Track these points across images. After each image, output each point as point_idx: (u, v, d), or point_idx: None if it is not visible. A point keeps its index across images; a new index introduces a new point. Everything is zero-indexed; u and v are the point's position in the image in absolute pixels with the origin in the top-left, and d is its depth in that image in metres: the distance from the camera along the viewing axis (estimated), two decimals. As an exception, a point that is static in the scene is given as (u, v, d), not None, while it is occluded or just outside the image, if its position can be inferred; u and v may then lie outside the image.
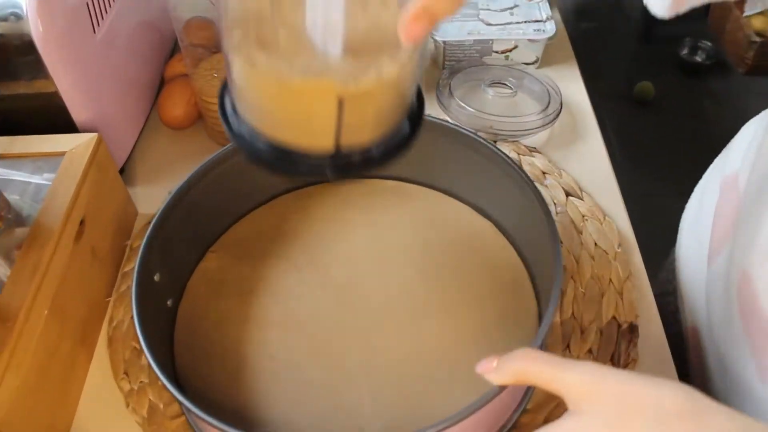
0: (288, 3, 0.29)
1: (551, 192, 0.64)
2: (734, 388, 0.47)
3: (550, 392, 0.32)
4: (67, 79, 0.57)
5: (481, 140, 0.54)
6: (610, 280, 0.56)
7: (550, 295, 0.43)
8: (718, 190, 0.55)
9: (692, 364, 0.58)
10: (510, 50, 0.78)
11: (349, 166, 0.33)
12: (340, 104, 0.29)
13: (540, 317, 0.52)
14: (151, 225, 0.50)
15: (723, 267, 0.49)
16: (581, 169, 0.67)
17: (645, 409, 0.29)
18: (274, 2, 0.29)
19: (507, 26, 0.77)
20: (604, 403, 0.29)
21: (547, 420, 0.48)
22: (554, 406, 0.49)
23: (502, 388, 0.37)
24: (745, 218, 0.47)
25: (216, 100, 0.66)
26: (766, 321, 0.42)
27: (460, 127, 0.56)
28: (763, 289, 0.42)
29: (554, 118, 0.68)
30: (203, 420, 0.39)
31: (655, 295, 0.56)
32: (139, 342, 0.53)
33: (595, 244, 0.59)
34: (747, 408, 0.44)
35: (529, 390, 0.49)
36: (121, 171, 0.67)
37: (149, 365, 0.51)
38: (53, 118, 0.59)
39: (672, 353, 0.52)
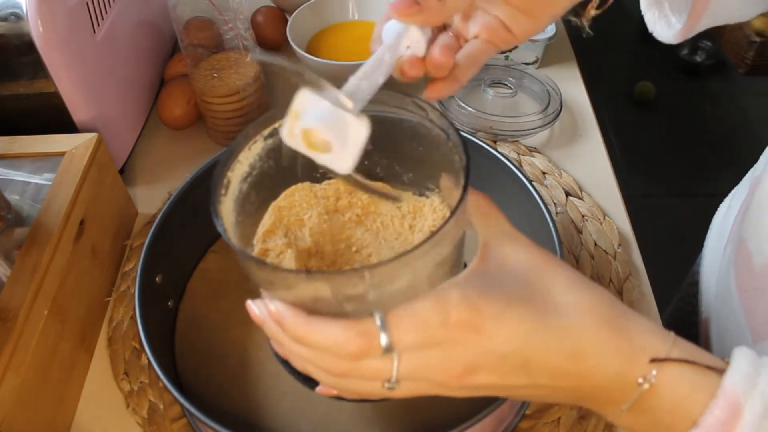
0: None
1: (551, 192, 0.64)
2: None
3: None
4: (67, 79, 0.57)
5: (480, 142, 0.54)
6: (610, 280, 0.56)
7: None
8: (747, 190, 0.56)
9: None
10: (510, 50, 0.77)
11: None
12: None
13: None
14: (153, 227, 0.50)
15: (728, 248, 0.51)
16: (581, 169, 0.67)
17: (563, 272, 0.29)
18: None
19: (507, 26, 0.77)
20: (410, 330, 0.28)
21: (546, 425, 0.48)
22: (554, 411, 0.49)
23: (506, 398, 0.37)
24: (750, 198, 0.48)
25: (216, 100, 0.67)
26: (757, 279, 0.43)
27: (459, 130, 0.56)
28: (754, 247, 0.44)
29: (554, 118, 0.68)
30: (205, 423, 0.39)
31: (678, 298, 0.56)
32: (139, 342, 0.53)
33: (595, 244, 0.59)
34: None
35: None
36: (121, 171, 0.67)
37: (149, 365, 0.52)
38: (53, 118, 0.59)
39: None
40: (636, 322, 0.29)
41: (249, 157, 0.36)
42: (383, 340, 0.28)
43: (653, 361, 0.28)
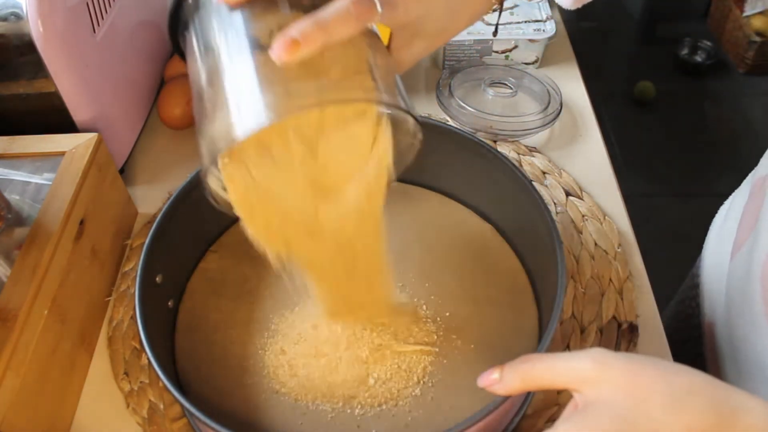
0: None
1: (551, 192, 0.64)
2: (751, 372, 0.48)
3: (559, 388, 0.32)
4: (67, 79, 0.57)
5: (480, 142, 0.54)
6: (610, 279, 0.56)
7: (553, 302, 0.43)
8: (749, 192, 0.56)
9: (708, 358, 0.59)
10: (510, 50, 0.77)
11: None
12: None
13: (540, 319, 0.52)
14: (153, 226, 0.49)
15: (745, 256, 0.50)
16: (581, 169, 0.67)
17: (657, 388, 0.30)
18: None
19: (507, 26, 0.77)
20: (616, 386, 0.30)
21: (548, 422, 0.48)
22: (555, 410, 0.49)
23: (506, 397, 0.37)
24: None
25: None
26: None
27: (459, 129, 0.56)
28: None
29: (554, 118, 0.68)
30: (205, 423, 0.39)
31: (677, 301, 0.56)
32: (139, 342, 0.53)
33: (595, 243, 0.59)
34: (765, 390, 0.46)
35: (529, 395, 0.49)
36: (121, 171, 0.67)
37: (149, 365, 0.52)
38: (53, 118, 0.59)
39: (688, 351, 0.53)
40: (743, 415, 0.29)
41: None
42: None
43: None
